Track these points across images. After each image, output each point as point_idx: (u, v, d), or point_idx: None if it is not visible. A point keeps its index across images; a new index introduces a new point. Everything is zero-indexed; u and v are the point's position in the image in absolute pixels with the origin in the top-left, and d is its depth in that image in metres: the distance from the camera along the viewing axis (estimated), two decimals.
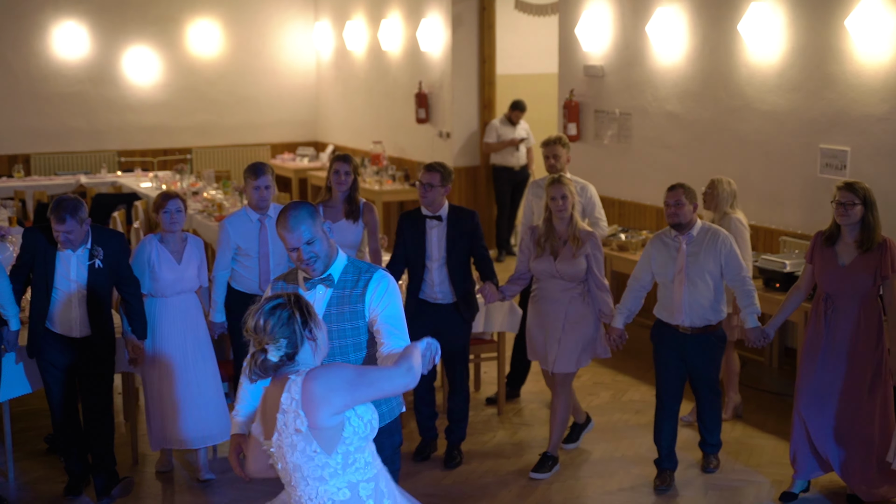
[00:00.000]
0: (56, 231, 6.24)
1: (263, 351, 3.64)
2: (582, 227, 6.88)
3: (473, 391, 8.69)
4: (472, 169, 13.97)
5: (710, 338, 6.70)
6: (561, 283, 6.86)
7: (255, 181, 7.02)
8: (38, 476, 7.09)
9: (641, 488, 6.85)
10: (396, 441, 4.65)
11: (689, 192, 6.66)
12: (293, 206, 4.38)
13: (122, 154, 16.08)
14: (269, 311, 3.66)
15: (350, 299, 4.40)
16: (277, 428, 3.62)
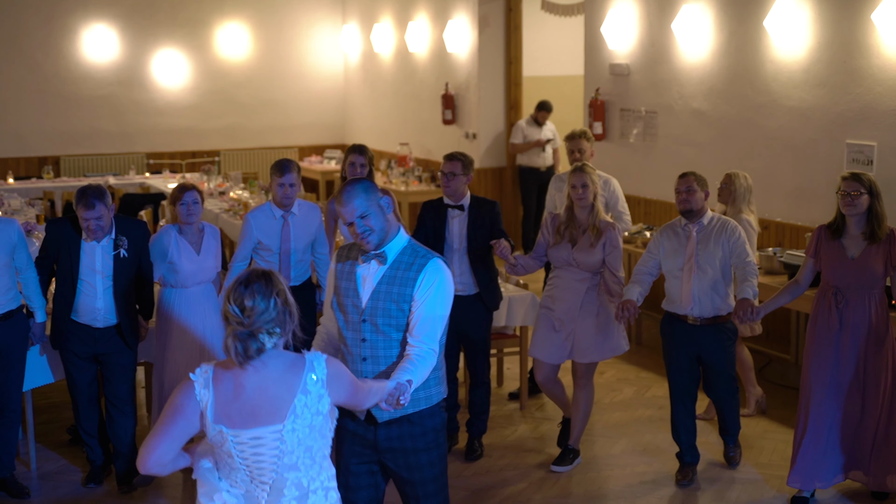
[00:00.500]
0: (85, 220, 6.23)
1: (254, 336, 3.48)
2: (603, 217, 6.83)
3: (496, 386, 8.65)
4: (498, 170, 13.95)
5: (721, 329, 6.61)
6: (577, 272, 6.80)
7: (280, 178, 7.01)
8: (60, 466, 7.12)
9: (663, 481, 6.79)
10: (437, 422, 4.56)
11: (701, 179, 6.61)
12: (349, 182, 4.40)
13: (150, 156, 16.16)
14: (276, 296, 3.52)
15: (401, 281, 4.37)
16: (294, 411, 3.53)
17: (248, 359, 3.47)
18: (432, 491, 4.57)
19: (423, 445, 4.50)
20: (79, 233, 6.37)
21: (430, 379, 4.46)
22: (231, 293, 3.51)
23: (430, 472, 4.55)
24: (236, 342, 3.46)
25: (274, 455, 3.56)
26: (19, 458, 7.16)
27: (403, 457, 4.50)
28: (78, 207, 6.25)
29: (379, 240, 4.37)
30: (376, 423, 4.46)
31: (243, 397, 3.52)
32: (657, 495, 6.59)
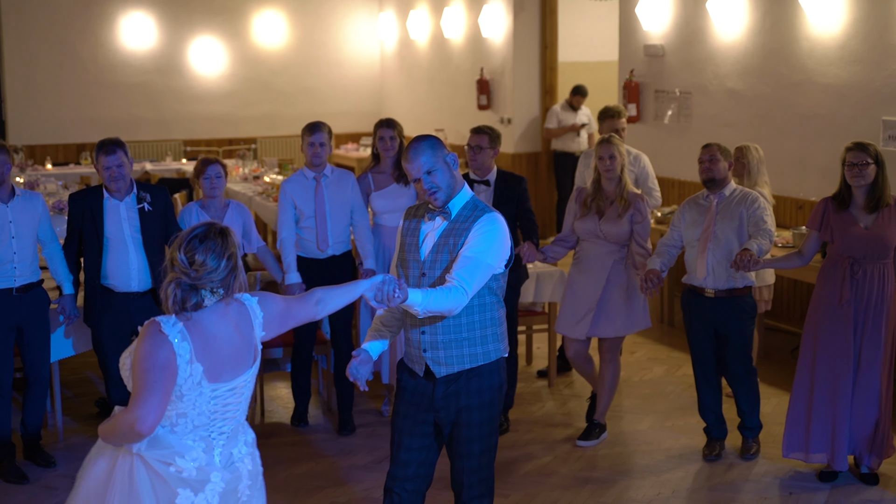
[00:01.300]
0: (107, 168, 6.30)
1: (197, 290, 3.53)
2: (631, 189, 6.76)
3: (525, 364, 8.60)
4: (533, 155, 13.89)
5: (738, 303, 6.51)
6: (604, 244, 6.74)
7: (310, 137, 7.03)
8: (88, 438, 7.13)
9: (690, 456, 6.72)
10: (495, 382, 4.47)
11: (724, 149, 6.55)
12: (415, 139, 4.39)
13: (187, 143, 16.23)
14: (228, 258, 3.57)
15: (457, 232, 4.36)
16: (259, 354, 3.71)
17: (182, 310, 3.51)
18: (477, 451, 4.49)
19: (476, 403, 4.44)
20: (100, 196, 6.40)
21: (487, 335, 4.44)
22: (183, 243, 3.55)
23: (478, 430, 4.47)
24: (177, 291, 3.50)
25: (241, 401, 3.70)
26: (47, 429, 7.20)
27: (456, 413, 4.45)
28: (98, 157, 6.34)
29: (446, 196, 4.36)
30: (434, 379, 4.44)
31: (216, 347, 3.58)
32: (683, 470, 6.51)
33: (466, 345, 4.40)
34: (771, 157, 9.43)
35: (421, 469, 4.54)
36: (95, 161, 6.42)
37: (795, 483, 6.27)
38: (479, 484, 4.54)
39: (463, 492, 4.54)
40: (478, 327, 4.41)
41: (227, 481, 3.67)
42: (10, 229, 6.32)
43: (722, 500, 6.08)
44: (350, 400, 7.13)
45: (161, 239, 6.55)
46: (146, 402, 3.48)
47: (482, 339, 4.42)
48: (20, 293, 6.38)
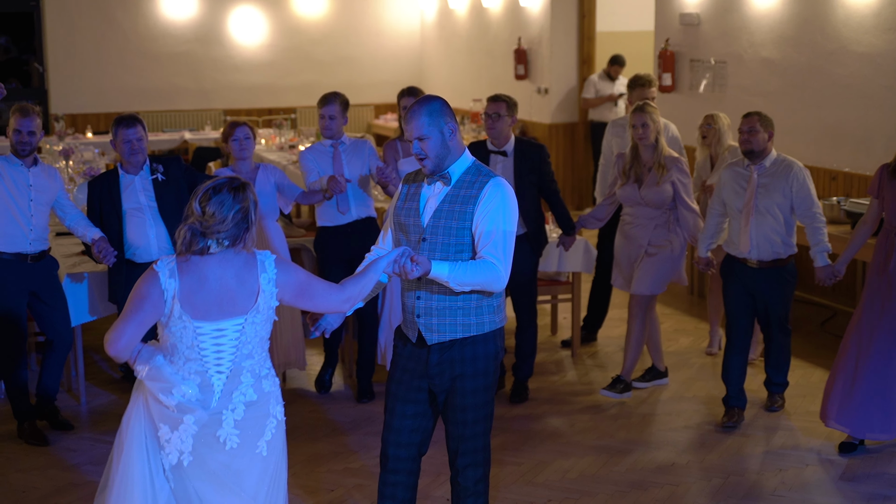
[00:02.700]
0: (127, 141, 6.37)
1: (204, 237, 3.78)
2: (668, 153, 6.80)
3: (550, 334, 8.56)
4: (570, 125, 13.79)
5: (781, 273, 6.49)
6: (646, 209, 6.84)
7: (321, 109, 7.05)
8: (110, 401, 7.22)
9: (705, 426, 6.67)
10: (490, 350, 4.42)
11: (765, 119, 6.46)
12: (420, 100, 4.32)
13: (227, 113, 16.28)
14: (237, 211, 3.79)
15: (463, 199, 4.29)
16: (258, 308, 3.86)
17: (189, 252, 3.77)
18: (471, 419, 4.45)
19: (470, 371, 4.39)
20: (116, 175, 6.47)
21: (483, 305, 4.37)
22: (200, 192, 3.80)
23: (472, 399, 4.43)
24: (186, 234, 3.77)
25: (234, 345, 3.85)
26: (71, 392, 7.29)
27: (450, 381, 4.41)
28: (118, 132, 6.40)
29: (434, 166, 4.30)
30: (428, 346, 4.40)
31: (206, 289, 3.80)
32: (700, 440, 6.46)
33: (461, 314, 4.34)
34: (805, 127, 9.32)
35: (415, 436, 4.50)
36: (114, 136, 6.45)
37: (811, 455, 6.20)
38: (473, 452, 4.50)
39: (457, 459, 4.51)
40: (474, 296, 4.34)
41: (201, 425, 3.83)
42: (30, 193, 6.40)
43: (737, 469, 6.02)
44: (370, 368, 7.15)
45: (178, 207, 6.57)
46: (119, 326, 3.81)
47: (477, 309, 4.36)
48: (33, 261, 6.44)
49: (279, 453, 4.04)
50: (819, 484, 5.84)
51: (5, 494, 5.79)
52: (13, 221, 6.35)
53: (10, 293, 6.39)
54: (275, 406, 3.99)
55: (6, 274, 6.36)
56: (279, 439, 4.03)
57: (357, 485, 5.85)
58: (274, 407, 3.99)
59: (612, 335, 8.43)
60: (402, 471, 4.52)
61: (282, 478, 4.08)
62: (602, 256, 7.97)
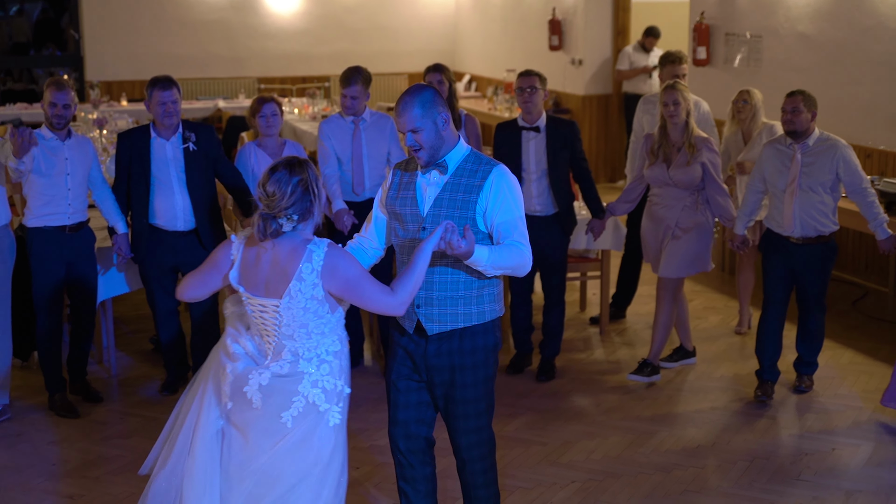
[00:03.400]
0: (162, 104, 6.41)
1: (274, 218, 3.90)
2: (698, 133, 6.73)
3: (578, 311, 8.56)
4: (603, 97, 13.72)
5: (823, 248, 6.48)
6: (674, 190, 6.77)
7: (343, 89, 7.03)
8: (140, 373, 7.29)
9: (733, 407, 6.65)
10: (489, 341, 4.38)
11: (809, 99, 6.41)
12: (410, 91, 4.24)
13: (261, 81, 16.29)
14: (295, 185, 3.90)
15: (465, 188, 4.24)
16: (290, 293, 3.91)
17: (265, 237, 3.91)
18: (472, 412, 4.41)
19: (469, 363, 4.35)
20: (147, 135, 6.49)
21: (483, 294, 4.33)
22: (262, 177, 3.94)
23: (472, 392, 4.38)
24: (259, 221, 3.91)
25: (274, 323, 3.98)
26: (102, 364, 7.36)
27: (449, 373, 4.35)
28: (153, 93, 6.44)
29: (429, 157, 4.23)
30: (426, 336, 4.35)
31: (258, 267, 3.97)
32: (727, 421, 6.45)
33: (462, 303, 4.29)
34: (840, 104, 9.23)
35: (421, 427, 4.48)
36: (149, 97, 6.49)
37: (839, 439, 6.18)
38: (479, 445, 4.46)
39: (462, 453, 4.47)
40: (475, 286, 4.30)
41: (235, 375, 4.02)
42: (67, 166, 6.45)
43: (763, 453, 6.01)
44: None
45: (206, 178, 6.62)
46: (188, 279, 4.17)
47: (478, 298, 4.32)
48: (72, 231, 6.50)
49: (309, 434, 4.00)
50: (845, 469, 5.82)
51: (37, 467, 5.87)
52: (52, 197, 6.42)
53: (48, 264, 6.46)
54: (309, 388, 3.99)
55: (45, 246, 6.43)
56: (312, 421, 3.99)
57: (383, 462, 5.89)
58: (307, 388, 3.99)
59: (640, 312, 8.41)
60: (417, 464, 4.51)
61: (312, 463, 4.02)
62: (632, 234, 7.96)
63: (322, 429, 4.02)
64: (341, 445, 4.09)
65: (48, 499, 5.50)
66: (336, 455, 4.06)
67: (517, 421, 6.46)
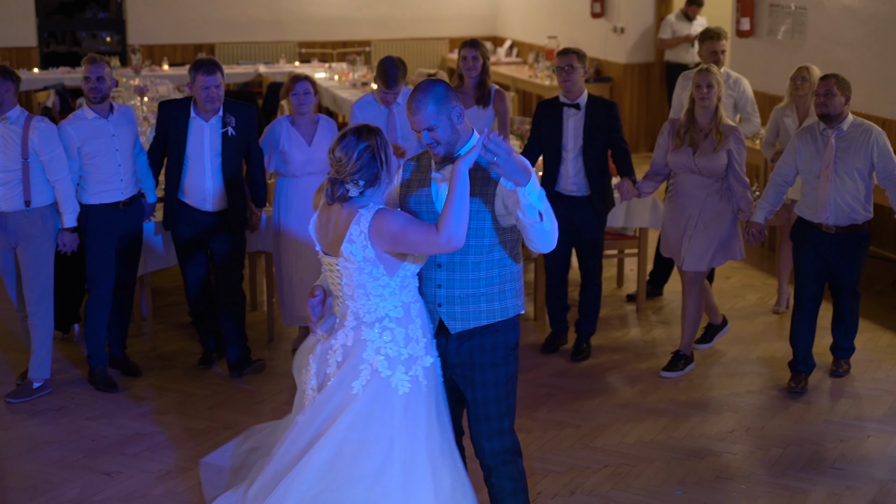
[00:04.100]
0: (205, 88, 6.39)
1: (342, 183, 4.02)
2: (726, 121, 6.59)
3: (615, 287, 8.54)
4: (645, 66, 13.60)
5: (855, 238, 6.39)
6: (698, 178, 6.60)
7: (385, 89, 7.06)
8: (178, 347, 7.36)
9: (769, 391, 6.63)
10: (510, 339, 4.30)
11: (843, 83, 6.31)
12: (421, 88, 4.14)
13: (302, 45, 16.28)
14: (361, 151, 3.99)
15: (480, 181, 4.11)
16: (343, 254, 4.03)
17: (332, 201, 4.07)
18: (494, 413, 4.30)
19: (490, 361, 4.27)
20: (188, 113, 6.50)
21: (505, 290, 4.26)
22: (333, 142, 4.06)
23: (493, 391, 4.28)
24: (328, 185, 4.08)
25: (338, 282, 4.15)
26: (141, 337, 7.44)
27: (470, 371, 4.27)
28: (197, 76, 6.42)
29: (446, 152, 4.16)
30: (448, 334, 4.26)
31: (328, 227, 4.12)
32: (762, 406, 6.43)
33: (484, 300, 4.21)
34: (884, 79, 9.11)
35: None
36: (192, 80, 6.48)
37: (874, 425, 6.15)
38: (504, 450, 4.33)
39: (487, 459, 4.34)
40: (496, 282, 4.22)
41: (325, 329, 4.26)
42: (114, 143, 6.50)
43: (797, 439, 5.99)
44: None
45: (239, 161, 6.63)
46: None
47: (500, 294, 4.24)
48: (125, 206, 6.56)
49: (374, 401, 4.05)
50: (880, 458, 5.79)
51: (75, 443, 5.96)
52: (105, 176, 6.48)
53: (102, 239, 6.53)
54: (373, 355, 4.07)
55: (100, 221, 6.50)
56: (376, 388, 4.06)
57: None
58: (371, 355, 4.07)
59: (677, 290, 8.31)
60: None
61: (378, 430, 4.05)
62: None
63: (388, 396, 4.07)
64: (416, 417, 4.08)
65: (86, 476, 5.58)
66: (409, 425, 4.06)
67: (551, 401, 6.47)
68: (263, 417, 6.22)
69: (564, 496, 5.38)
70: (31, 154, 6.29)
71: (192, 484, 5.45)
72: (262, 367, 6.87)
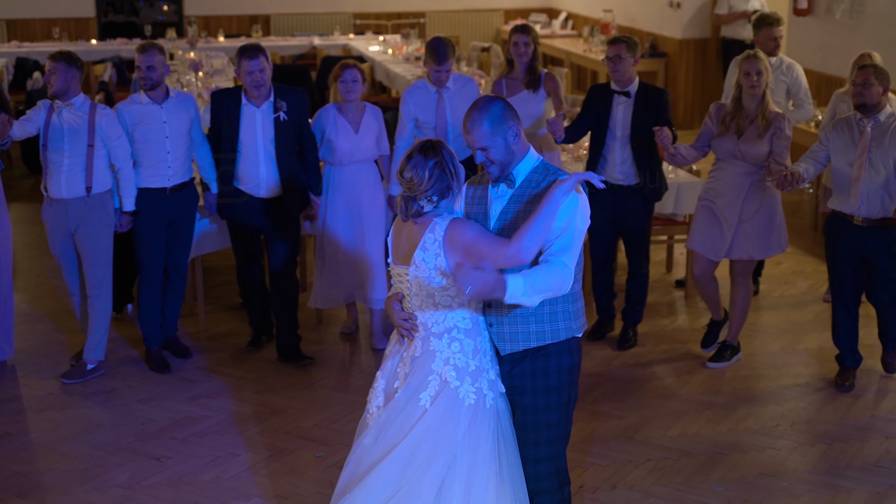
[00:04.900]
0: (250, 73, 6.45)
1: (415, 199, 4.07)
2: (772, 107, 6.53)
3: (664, 272, 8.52)
4: (701, 41, 13.46)
5: (889, 232, 6.29)
6: (742, 165, 6.55)
7: (437, 66, 7.10)
8: (229, 328, 7.46)
9: (815, 384, 6.60)
10: (564, 363, 4.16)
11: (881, 72, 6.23)
12: (478, 107, 4.08)
13: (357, 16, 16.30)
14: (431, 168, 4.04)
15: (529, 198, 4.07)
16: (415, 262, 4.06)
17: (407, 217, 4.13)
18: (544, 439, 4.18)
19: (542, 386, 4.15)
20: (239, 100, 6.56)
21: (557, 311, 4.11)
22: (401, 163, 4.10)
23: (544, 417, 4.16)
24: (402, 203, 4.12)
25: (408, 292, 4.17)
26: (195, 317, 7.54)
27: (521, 395, 4.17)
28: (241, 62, 6.48)
29: (500, 172, 4.10)
30: (499, 356, 4.20)
31: (401, 237, 4.19)
32: (808, 399, 6.41)
33: (533, 321, 4.09)
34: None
35: None
36: (238, 66, 6.56)
37: None
38: (548, 477, 4.22)
39: (530, 483, 4.20)
40: (547, 303, 4.06)
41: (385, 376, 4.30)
42: (165, 129, 6.57)
43: (842, 436, 5.97)
44: None
45: (293, 146, 6.67)
46: None
47: (551, 315, 4.10)
48: (173, 192, 6.64)
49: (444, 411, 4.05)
50: None
51: (126, 426, 6.08)
52: (153, 161, 6.57)
53: (150, 223, 6.63)
54: (441, 365, 4.07)
55: (147, 206, 6.59)
56: (446, 398, 4.05)
57: None
58: (440, 366, 4.07)
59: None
60: None
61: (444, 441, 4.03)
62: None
63: (456, 406, 4.05)
64: (480, 433, 4.05)
65: (135, 460, 5.70)
66: (472, 441, 4.04)
67: (596, 391, 6.50)
68: (311, 403, 6.32)
69: (606, 490, 5.41)
70: (97, 140, 6.39)
71: (238, 471, 5.56)
72: (308, 365, 6.88)
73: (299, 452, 5.76)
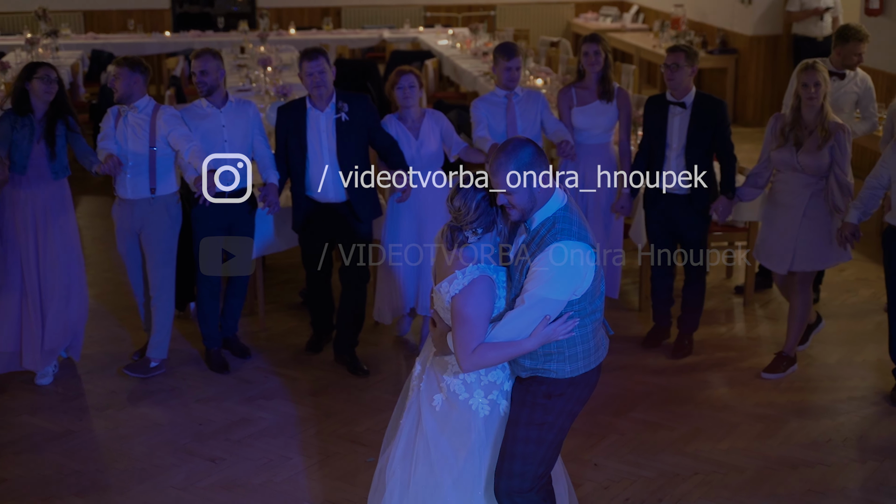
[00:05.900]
0: (310, 74, 6.53)
1: (461, 230, 4.12)
2: (832, 118, 6.47)
3: (724, 278, 8.48)
4: (772, 38, 13.32)
5: None
6: (802, 176, 6.51)
7: (506, 62, 7.14)
8: (288, 328, 7.58)
9: (870, 398, 6.54)
10: (554, 390, 4.16)
11: None
12: (507, 150, 4.02)
13: (428, 9, 16.36)
14: (479, 201, 4.07)
15: (530, 251, 4.06)
16: (440, 290, 4.14)
17: (452, 247, 4.15)
18: (517, 471, 4.18)
19: (518, 399, 4.20)
20: (304, 107, 6.64)
21: (551, 353, 4.12)
22: (451, 190, 4.14)
23: (522, 447, 4.17)
24: (447, 232, 4.18)
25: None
26: (257, 315, 7.66)
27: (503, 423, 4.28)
28: (303, 63, 6.58)
29: (519, 217, 4.08)
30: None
31: (442, 262, 4.21)
32: (862, 414, 6.36)
33: (528, 356, 4.14)
34: None
35: None
36: (299, 69, 6.67)
37: None
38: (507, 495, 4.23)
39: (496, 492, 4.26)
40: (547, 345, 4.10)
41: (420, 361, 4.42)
42: (224, 133, 6.68)
43: (894, 453, 5.92)
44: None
45: (359, 149, 6.71)
46: None
47: (545, 356, 4.12)
48: (231, 197, 6.75)
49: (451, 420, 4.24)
50: None
51: (183, 426, 6.22)
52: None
53: (205, 226, 6.74)
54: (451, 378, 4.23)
55: (206, 209, 6.66)
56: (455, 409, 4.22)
57: None
58: (450, 378, 4.23)
59: None
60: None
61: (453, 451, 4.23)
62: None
63: (464, 418, 4.20)
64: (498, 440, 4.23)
65: (191, 460, 5.84)
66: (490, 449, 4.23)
67: (648, 401, 6.50)
68: (365, 407, 6.41)
69: None
70: (159, 142, 6.53)
71: (290, 475, 5.67)
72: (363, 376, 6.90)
73: (351, 457, 5.86)
